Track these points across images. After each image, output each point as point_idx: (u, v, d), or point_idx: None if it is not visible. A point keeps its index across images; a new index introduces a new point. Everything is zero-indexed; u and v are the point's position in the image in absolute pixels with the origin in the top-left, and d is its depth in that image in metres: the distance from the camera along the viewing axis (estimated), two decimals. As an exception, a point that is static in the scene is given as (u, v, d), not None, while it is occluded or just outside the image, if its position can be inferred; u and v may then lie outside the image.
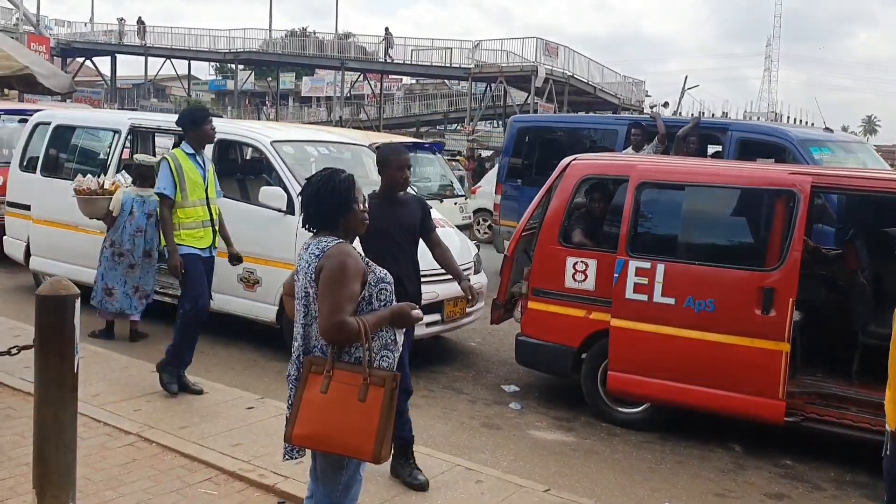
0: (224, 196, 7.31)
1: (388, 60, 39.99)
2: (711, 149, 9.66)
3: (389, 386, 2.80)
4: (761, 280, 5.15)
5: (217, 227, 5.75)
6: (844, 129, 35.43)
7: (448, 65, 38.26)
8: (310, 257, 2.91)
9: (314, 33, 50.37)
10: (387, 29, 40.03)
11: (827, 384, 5.37)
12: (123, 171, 7.55)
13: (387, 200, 4.46)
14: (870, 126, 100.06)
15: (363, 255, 3.03)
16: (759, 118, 38.36)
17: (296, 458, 3.00)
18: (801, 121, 33.22)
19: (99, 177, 7.23)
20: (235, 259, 5.91)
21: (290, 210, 6.68)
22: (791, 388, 5.16)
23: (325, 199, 2.95)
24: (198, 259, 5.60)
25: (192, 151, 5.65)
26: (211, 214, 5.70)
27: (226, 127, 7.81)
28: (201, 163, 5.70)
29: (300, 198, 3.04)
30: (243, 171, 8.46)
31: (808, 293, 5.50)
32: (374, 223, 4.17)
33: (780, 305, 5.06)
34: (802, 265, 5.16)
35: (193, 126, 5.67)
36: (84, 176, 7.22)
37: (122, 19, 47.47)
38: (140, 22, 46.00)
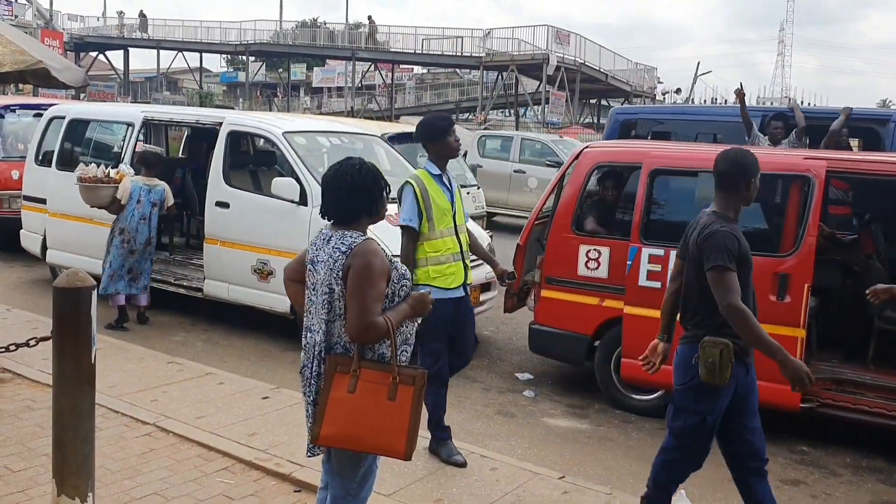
0: (237, 187, 7.38)
1: (372, 47, 40.05)
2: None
3: (419, 384, 2.81)
4: (776, 266, 5.12)
5: (468, 261, 4.64)
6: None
7: (459, 54, 38.17)
8: (334, 252, 2.85)
9: (325, 24, 50.33)
10: (370, 17, 40.22)
11: (842, 370, 5.34)
12: (126, 163, 7.59)
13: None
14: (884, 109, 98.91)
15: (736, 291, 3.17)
16: (772, 103, 38.03)
17: (318, 453, 3.03)
18: (812, 105, 32.88)
19: (101, 167, 7.27)
20: (509, 277, 4.97)
21: (302, 201, 6.70)
22: (806, 374, 5.13)
23: (348, 189, 2.90)
24: (447, 304, 4.39)
25: (437, 172, 4.55)
26: (461, 245, 4.58)
27: (237, 118, 7.84)
28: (447, 183, 4.59)
29: (321, 186, 2.99)
30: (255, 163, 8.49)
31: (823, 279, 5.47)
32: (749, 254, 3.67)
33: (795, 291, 5.03)
34: (818, 251, 5.13)
35: (433, 139, 4.57)
36: (88, 165, 7.28)
37: (121, 12, 47.69)
38: (142, 15, 46.13)
